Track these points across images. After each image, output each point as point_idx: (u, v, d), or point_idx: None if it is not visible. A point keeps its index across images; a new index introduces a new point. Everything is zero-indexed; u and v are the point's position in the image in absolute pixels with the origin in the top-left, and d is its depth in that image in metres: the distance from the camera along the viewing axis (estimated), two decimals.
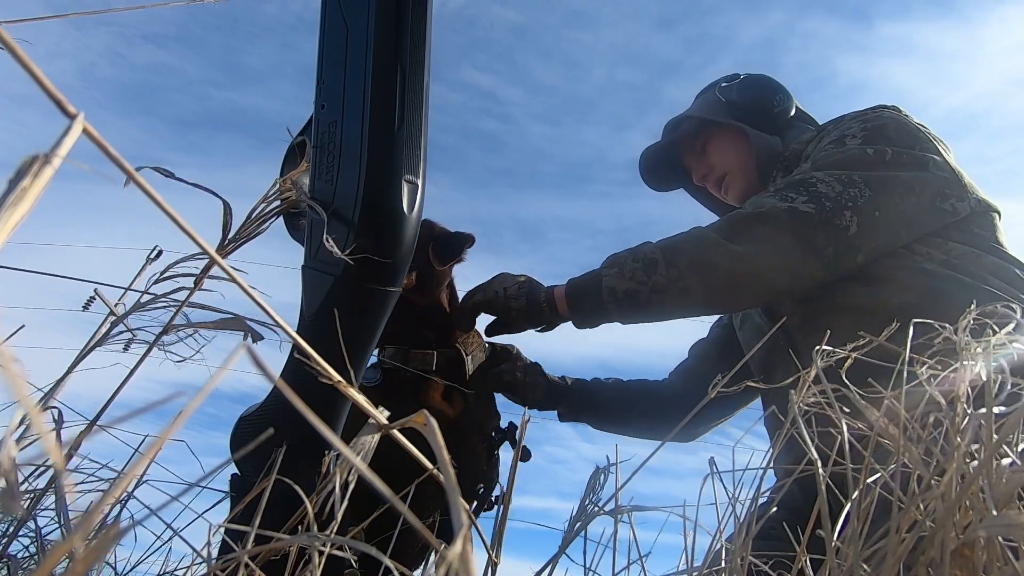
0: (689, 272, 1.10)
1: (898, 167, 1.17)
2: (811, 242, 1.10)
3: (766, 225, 1.11)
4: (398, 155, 0.84)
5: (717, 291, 1.11)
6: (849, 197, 1.12)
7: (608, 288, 1.14)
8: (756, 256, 1.10)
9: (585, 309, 1.17)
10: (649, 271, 1.12)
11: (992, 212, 1.23)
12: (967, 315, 0.54)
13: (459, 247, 1.29)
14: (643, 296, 1.12)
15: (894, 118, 1.26)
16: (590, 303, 1.16)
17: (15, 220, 0.18)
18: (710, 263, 1.10)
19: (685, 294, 1.10)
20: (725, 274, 1.10)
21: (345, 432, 0.86)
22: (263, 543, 0.48)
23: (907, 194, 1.15)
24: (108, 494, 0.24)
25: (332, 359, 0.36)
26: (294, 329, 0.40)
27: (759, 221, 1.12)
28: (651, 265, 1.12)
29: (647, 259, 1.13)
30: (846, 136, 1.24)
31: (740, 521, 0.51)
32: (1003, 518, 0.35)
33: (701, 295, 1.11)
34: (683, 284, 1.10)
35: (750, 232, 1.12)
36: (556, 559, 0.54)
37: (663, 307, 1.13)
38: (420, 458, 0.37)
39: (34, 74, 0.19)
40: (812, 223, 1.10)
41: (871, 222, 1.12)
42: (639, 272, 1.13)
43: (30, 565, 0.76)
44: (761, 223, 1.12)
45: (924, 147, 1.21)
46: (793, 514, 0.56)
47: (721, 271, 1.10)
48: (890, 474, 0.44)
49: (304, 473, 0.62)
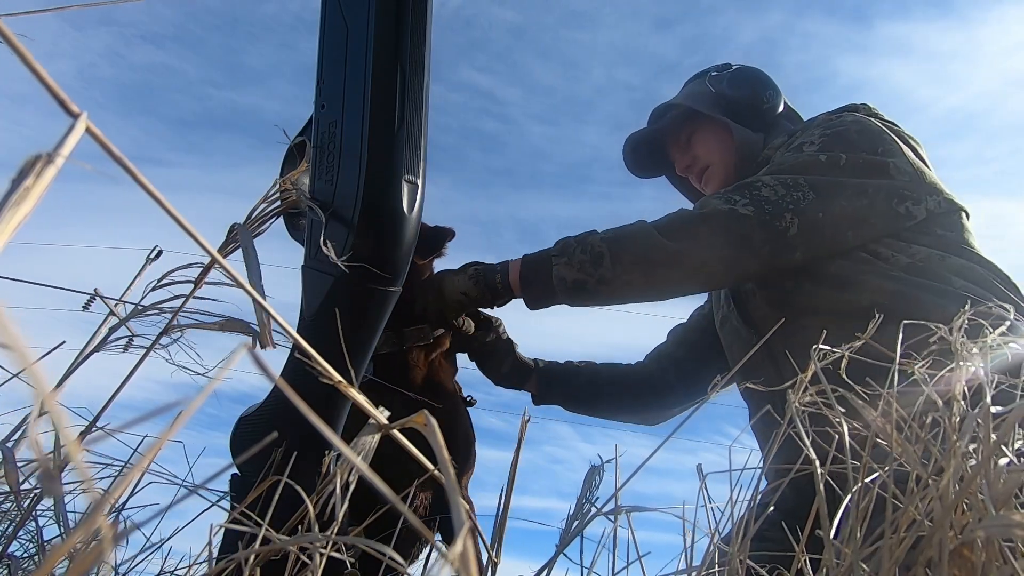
0: (632, 267, 1.18)
1: (850, 173, 1.23)
2: (747, 241, 1.17)
3: (705, 225, 1.19)
4: (398, 155, 0.84)
5: (657, 285, 1.20)
6: (792, 200, 1.19)
7: (558, 276, 1.21)
8: (692, 254, 1.18)
9: (535, 292, 1.23)
10: (596, 264, 1.19)
11: (958, 212, 1.26)
12: (961, 315, 0.54)
13: (439, 242, 1.32)
14: (590, 286, 1.19)
15: (857, 121, 1.31)
16: (540, 287, 1.22)
17: (18, 220, 0.18)
18: (651, 260, 1.18)
19: (629, 286, 1.19)
20: (664, 270, 1.18)
21: (345, 432, 0.86)
22: (263, 543, 0.48)
23: (857, 197, 1.21)
24: (108, 494, 0.25)
25: (332, 359, 0.36)
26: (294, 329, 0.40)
27: (701, 221, 1.20)
28: (598, 258, 1.19)
29: (594, 252, 1.20)
30: (804, 144, 1.30)
31: (736, 522, 0.51)
32: (1001, 518, 0.35)
33: (643, 288, 1.20)
34: (627, 278, 1.18)
35: (689, 231, 1.19)
36: (555, 559, 0.54)
37: (609, 297, 1.21)
38: (420, 458, 0.37)
39: (37, 73, 0.19)
40: (749, 225, 1.17)
41: (813, 223, 1.18)
42: (587, 264, 1.19)
43: (30, 565, 0.76)
44: (702, 223, 1.19)
45: (886, 149, 1.25)
46: (787, 515, 0.56)
47: (661, 268, 1.18)
48: (888, 474, 0.44)
49: (304, 473, 0.62)
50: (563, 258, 1.21)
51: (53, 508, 0.73)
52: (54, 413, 0.19)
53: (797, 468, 0.49)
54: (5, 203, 0.18)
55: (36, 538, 0.78)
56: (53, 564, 0.21)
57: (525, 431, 0.54)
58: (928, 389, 0.47)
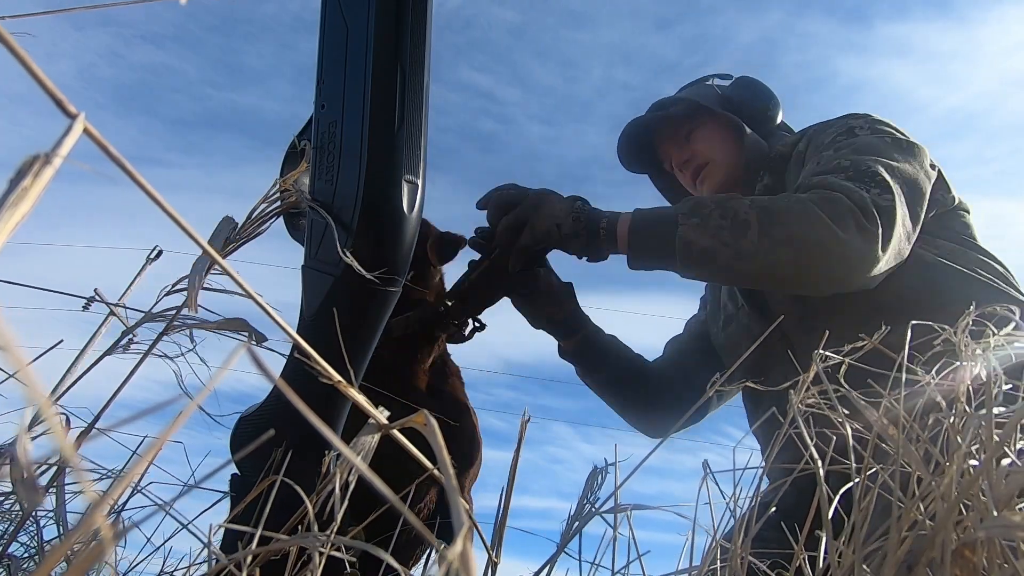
0: (784, 246, 0.99)
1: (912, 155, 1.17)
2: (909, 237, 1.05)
3: (866, 217, 1.01)
4: (398, 155, 0.84)
5: (808, 273, 1.01)
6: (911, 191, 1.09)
7: (684, 240, 1.02)
8: (859, 248, 0.99)
9: (648, 253, 1.06)
10: (738, 233, 1.00)
11: (964, 210, 1.25)
12: (966, 316, 0.54)
13: (456, 248, 1.32)
14: (723, 258, 1.00)
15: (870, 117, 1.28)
16: (657, 248, 1.05)
17: (16, 220, 0.18)
18: (808, 241, 0.99)
19: (772, 268, 1.00)
20: (821, 257, 0.99)
21: (345, 432, 0.86)
22: (262, 543, 0.48)
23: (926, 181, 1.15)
24: (108, 494, 0.24)
25: (332, 359, 0.36)
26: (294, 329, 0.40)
27: (861, 212, 1.01)
28: (742, 227, 1.00)
29: (738, 219, 1.01)
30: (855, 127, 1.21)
31: (738, 521, 0.51)
32: (1003, 519, 0.35)
33: (789, 273, 1.01)
34: (773, 257, 0.99)
35: (854, 220, 1.00)
36: (554, 560, 0.54)
37: (740, 274, 1.03)
38: (420, 458, 0.37)
39: (35, 74, 0.19)
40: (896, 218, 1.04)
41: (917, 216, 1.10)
42: (725, 231, 1.00)
43: (30, 565, 0.76)
44: (863, 214, 1.01)
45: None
46: (788, 515, 0.56)
47: (817, 252, 0.99)
48: (889, 474, 0.44)
49: (304, 473, 0.62)
50: (694, 219, 1.03)
51: (53, 508, 0.73)
52: (50, 419, 0.19)
53: (800, 468, 0.49)
54: (3, 203, 0.18)
55: (36, 538, 0.78)
56: (53, 564, 0.21)
57: (525, 431, 0.54)
58: (931, 389, 0.47)
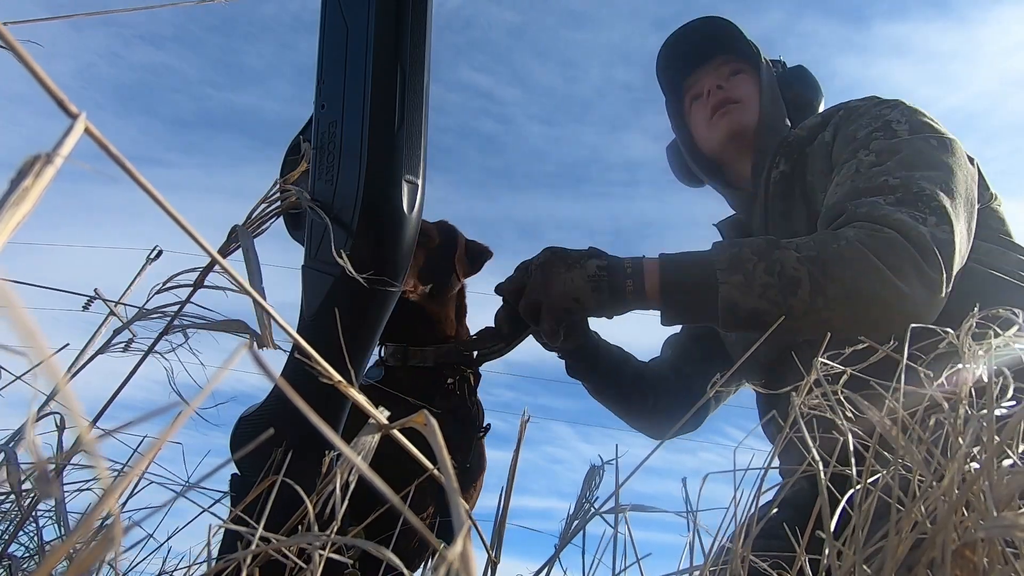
0: (840, 304, 0.90)
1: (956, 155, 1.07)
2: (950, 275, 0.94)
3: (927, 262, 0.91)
4: (398, 155, 0.84)
5: (865, 329, 0.84)
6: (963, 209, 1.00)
7: (727, 301, 0.92)
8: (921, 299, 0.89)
9: (684, 310, 0.96)
10: (787, 292, 0.91)
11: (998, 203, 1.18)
12: (970, 317, 0.54)
13: (483, 261, 1.32)
14: (771, 318, 0.89)
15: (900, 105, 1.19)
16: (695, 308, 0.95)
17: (17, 220, 0.18)
18: (871, 298, 0.89)
19: (826, 326, 0.86)
20: (882, 311, 0.89)
21: (345, 432, 0.86)
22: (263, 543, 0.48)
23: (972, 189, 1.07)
24: (108, 494, 0.24)
25: (332, 359, 0.36)
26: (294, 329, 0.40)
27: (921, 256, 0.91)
28: (791, 285, 0.91)
29: (787, 277, 0.91)
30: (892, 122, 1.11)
31: (740, 522, 0.51)
32: (1003, 519, 0.35)
33: (846, 330, 0.87)
34: (827, 315, 0.90)
35: (915, 269, 0.90)
36: (554, 560, 0.54)
37: (789, 332, 0.93)
38: (420, 458, 0.37)
39: (36, 74, 0.19)
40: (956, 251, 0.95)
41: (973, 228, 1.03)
42: (773, 290, 0.91)
43: (30, 565, 0.76)
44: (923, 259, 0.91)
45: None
46: (798, 511, 0.56)
47: (878, 307, 0.89)
48: (891, 475, 0.44)
49: (305, 473, 0.62)
50: (736, 275, 0.92)
51: (53, 508, 0.73)
52: (69, 403, 0.19)
53: (803, 470, 0.49)
54: (4, 203, 0.18)
55: (36, 538, 0.78)
56: (53, 564, 0.21)
57: (525, 431, 0.54)
58: (932, 390, 0.47)
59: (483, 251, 1.33)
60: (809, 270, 0.91)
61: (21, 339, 0.17)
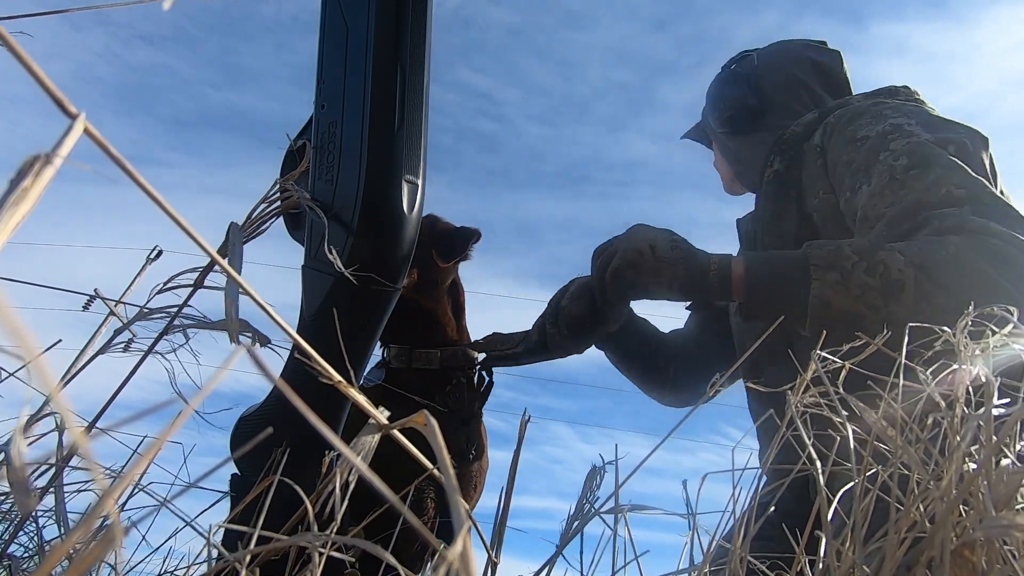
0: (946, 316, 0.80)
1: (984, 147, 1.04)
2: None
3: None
4: (398, 155, 0.84)
5: None
6: None
7: (820, 299, 0.85)
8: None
9: (770, 307, 0.89)
10: (889, 297, 0.83)
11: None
12: (965, 316, 0.54)
13: (463, 244, 1.23)
14: (867, 322, 0.82)
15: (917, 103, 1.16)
16: (782, 303, 0.88)
17: (16, 220, 0.18)
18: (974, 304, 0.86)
19: None
20: None
21: (345, 432, 0.86)
22: (262, 543, 0.48)
23: None
24: (107, 495, 0.24)
25: (332, 359, 0.36)
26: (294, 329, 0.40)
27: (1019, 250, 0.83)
28: (895, 288, 0.83)
29: (890, 278, 0.83)
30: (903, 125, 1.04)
31: (737, 522, 0.51)
32: (1001, 519, 0.35)
33: None
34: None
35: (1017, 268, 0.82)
36: (554, 559, 0.54)
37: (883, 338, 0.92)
38: (420, 458, 0.37)
39: (35, 74, 0.19)
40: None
41: None
42: (873, 292, 0.83)
43: (30, 565, 0.76)
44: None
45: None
46: (787, 516, 0.56)
47: None
48: (888, 475, 0.44)
49: (307, 473, 0.62)
50: (832, 273, 0.85)
51: (53, 508, 0.73)
52: (61, 410, 0.19)
53: (798, 469, 0.49)
54: (3, 203, 0.18)
55: (36, 538, 0.78)
56: (53, 564, 0.21)
57: (525, 431, 0.54)
58: (930, 389, 0.47)
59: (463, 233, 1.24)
60: (915, 275, 0.83)
61: (11, 339, 0.17)
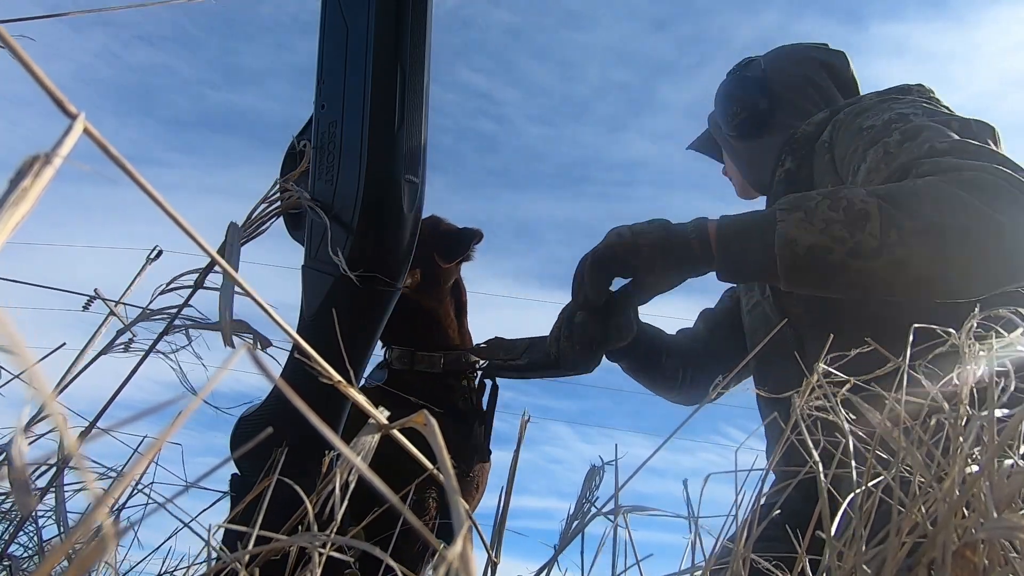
0: (919, 237, 0.79)
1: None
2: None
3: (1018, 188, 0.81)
4: (398, 155, 0.84)
5: (954, 269, 0.79)
6: None
7: (785, 238, 0.83)
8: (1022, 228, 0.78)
9: (740, 260, 0.87)
10: (854, 226, 0.80)
11: None
12: (971, 318, 0.54)
13: (465, 244, 1.23)
14: (836, 258, 0.80)
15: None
16: (751, 252, 0.86)
17: (16, 220, 0.18)
18: (959, 229, 0.78)
19: (904, 267, 0.79)
20: (977, 248, 0.79)
21: (345, 432, 0.86)
22: (262, 543, 0.48)
23: None
24: (108, 495, 0.24)
25: (332, 359, 0.36)
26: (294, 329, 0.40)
27: (1008, 183, 0.81)
28: (859, 219, 0.81)
29: (854, 210, 0.81)
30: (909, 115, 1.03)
31: (740, 523, 0.51)
32: (1003, 520, 0.35)
33: (927, 273, 0.79)
34: (902, 253, 0.79)
35: (1008, 195, 0.80)
36: (553, 560, 0.54)
37: (860, 277, 0.82)
38: (420, 458, 0.37)
39: (35, 74, 0.19)
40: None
41: None
42: (837, 225, 0.81)
43: (30, 565, 0.76)
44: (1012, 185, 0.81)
45: None
46: (791, 517, 0.56)
47: (972, 242, 0.78)
48: (891, 476, 0.44)
49: (308, 474, 0.62)
50: (796, 213, 0.84)
51: (53, 508, 0.73)
52: (56, 416, 0.19)
53: (805, 472, 0.49)
54: (3, 204, 0.18)
55: (36, 538, 0.78)
56: (53, 564, 0.21)
57: (524, 431, 0.54)
58: (933, 391, 0.47)
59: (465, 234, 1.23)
60: (880, 204, 0.81)
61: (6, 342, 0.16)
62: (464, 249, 1.24)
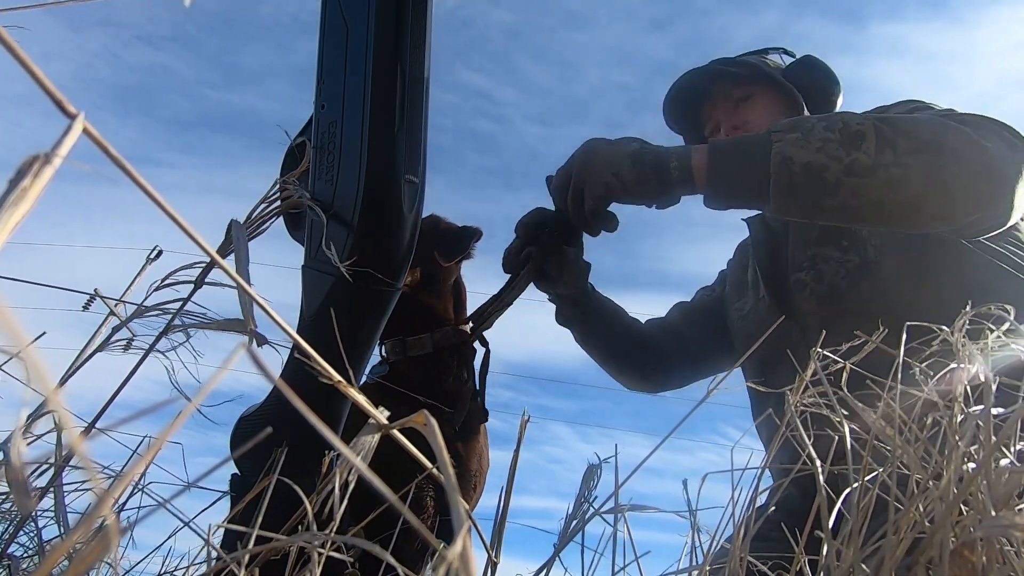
0: (912, 156, 0.81)
1: None
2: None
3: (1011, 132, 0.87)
4: (398, 155, 0.84)
5: (943, 187, 0.82)
6: None
7: (781, 156, 0.82)
8: (1008, 159, 0.83)
9: (733, 179, 0.86)
10: (850, 145, 0.81)
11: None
12: (963, 315, 0.54)
13: (465, 243, 1.24)
14: (831, 176, 0.81)
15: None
16: (745, 173, 0.85)
17: (15, 220, 0.18)
18: (950, 149, 0.82)
19: (897, 185, 0.80)
20: (965, 168, 0.82)
21: (345, 432, 0.86)
22: (262, 543, 0.48)
23: None
24: (107, 495, 0.24)
25: (332, 359, 0.36)
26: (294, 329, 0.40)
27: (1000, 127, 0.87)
28: (854, 138, 0.82)
29: (850, 130, 0.83)
30: None
31: (738, 522, 0.51)
32: (1001, 519, 0.35)
33: (919, 191, 0.81)
34: (897, 171, 0.80)
35: (996, 134, 0.86)
36: (553, 560, 0.54)
37: (854, 197, 0.82)
38: (420, 458, 0.37)
39: (34, 74, 0.19)
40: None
41: None
42: (833, 144, 0.82)
43: (30, 565, 0.76)
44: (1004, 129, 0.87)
45: None
46: (791, 515, 0.56)
47: (961, 163, 0.82)
48: (887, 475, 0.44)
49: (308, 473, 0.62)
50: (793, 133, 0.84)
51: (53, 508, 0.73)
52: (59, 410, 0.19)
53: (798, 468, 0.49)
54: (3, 203, 0.18)
55: (36, 538, 0.78)
56: (53, 564, 0.21)
57: (524, 431, 0.54)
58: (929, 390, 0.47)
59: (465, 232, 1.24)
60: (875, 124, 0.83)
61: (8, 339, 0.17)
62: (464, 247, 1.25)
